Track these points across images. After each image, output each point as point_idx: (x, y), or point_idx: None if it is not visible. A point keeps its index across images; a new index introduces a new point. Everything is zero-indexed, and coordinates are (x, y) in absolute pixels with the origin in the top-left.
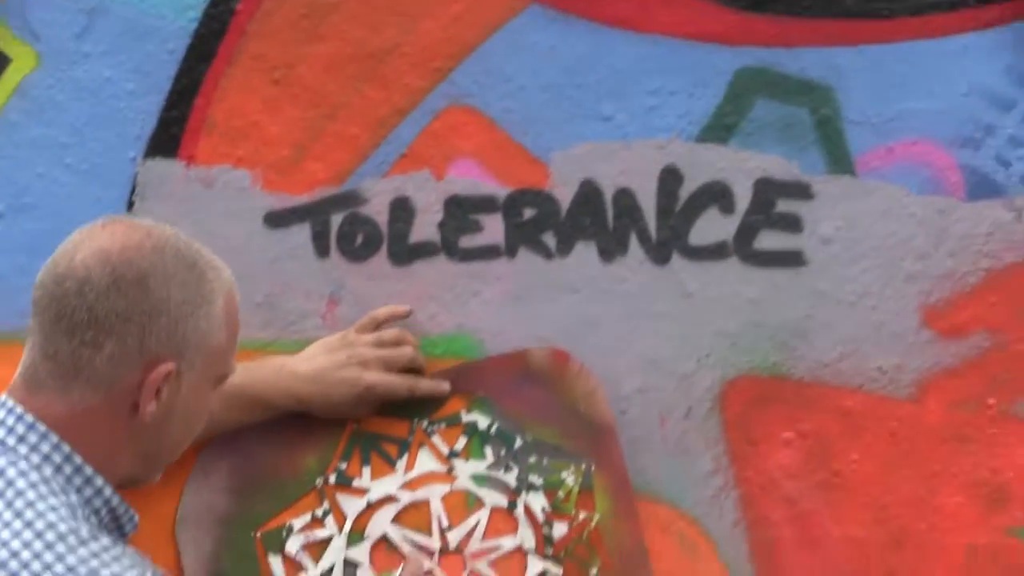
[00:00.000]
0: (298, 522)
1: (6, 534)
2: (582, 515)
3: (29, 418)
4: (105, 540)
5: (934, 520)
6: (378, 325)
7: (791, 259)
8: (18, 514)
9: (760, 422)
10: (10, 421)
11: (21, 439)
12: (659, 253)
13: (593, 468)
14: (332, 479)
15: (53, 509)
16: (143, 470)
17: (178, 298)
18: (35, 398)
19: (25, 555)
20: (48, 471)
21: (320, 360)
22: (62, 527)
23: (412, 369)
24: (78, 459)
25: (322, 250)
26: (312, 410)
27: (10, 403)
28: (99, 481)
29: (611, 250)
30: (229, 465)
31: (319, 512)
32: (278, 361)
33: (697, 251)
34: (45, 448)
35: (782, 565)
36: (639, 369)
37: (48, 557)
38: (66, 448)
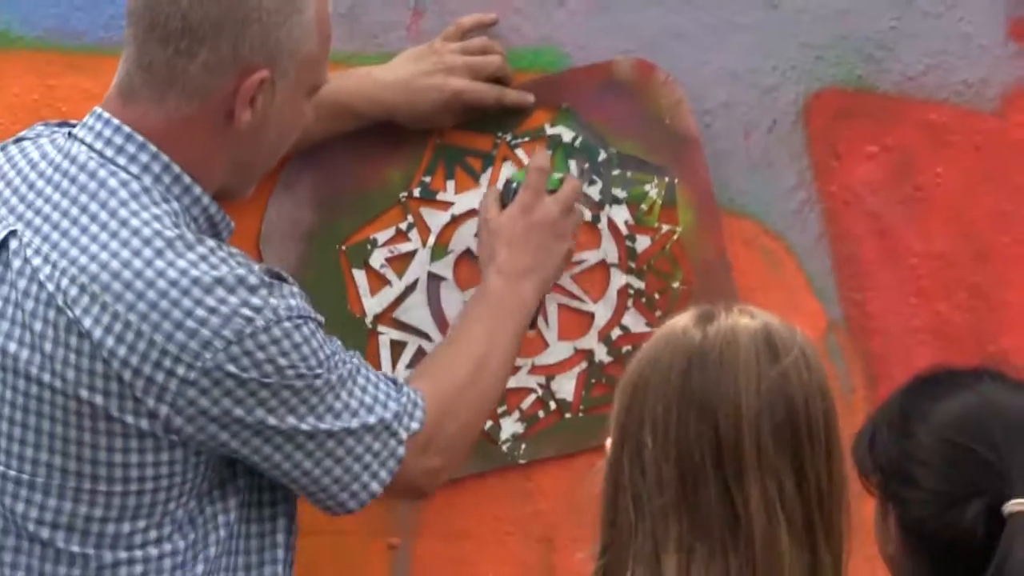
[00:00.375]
0: (382, 236)
1: (115, 244)
2: (665, 228)
3: (126, 129)
4: (211, 242)
5: (1018, 234)
6: (464, 34)
7: None
8: (123, 223)
9: (844, 136)
10: (107, 132)
11: (120, 150)
12: None
13: (676, 181)
14: (416, 192)
15: (157, 218)
16: (237, 181)
17: (270, 6)
18: (131, 109)
19: (137, 263)
20: (148, 180)
21: (406, 68)
22: (169, 233)
23: (498, 79)
24: (176, 168)
25: None
26: (397, 118)
27: (105, 115)
28: (197, 190)
29: None
30: (312, 179)
31: (403, 226)
32: (363, 70)
33: None
34: (144, 158)
35: (865, 279)
36: (723, 82)
37: (159, 263)
38: (164, 158)
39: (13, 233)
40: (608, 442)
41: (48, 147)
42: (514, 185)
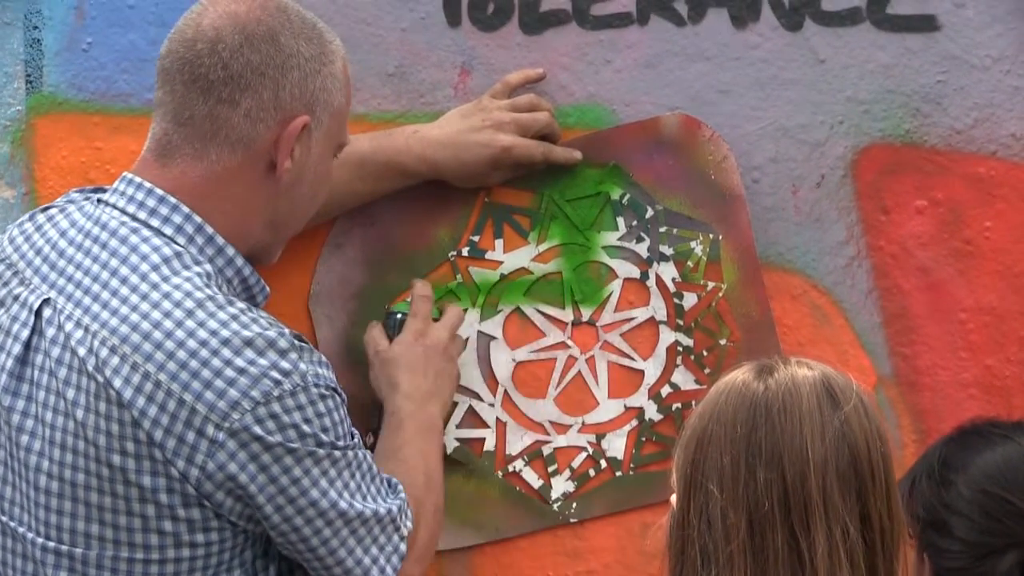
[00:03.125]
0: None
1: (145, 306)
2: (710, 285)
3: (158, 192)
4: (240, 304)
5: None
6: (512, 91)
7: (924, 23)
8: (154, 286)
9: (892, 190)
10: (139, 196)
11: (152, 212)
12: (791, 19)
13: (721, 238)
14: (465, 251)
15: (188, 279)
16: (269, 240)
17: (307, 54)
18: (169, 169)
19: (167, 324)
20: (181, 242)
21: (454, 124)
22: (199, 294)
23: (545, 136)
24: (209, 230)
25: (453, 19)
26: (445, 175)
27: (137, 179)
28: (230, 251)
29: (743, 16)
30: (362, 238)
31: (452, 285)
32: (410, 128)
33: (830, 16)
34: (177, 219)
35: (914, 334)
36: (771, 137)
37: (189, 323)
38: (197, 219)
39: (47, 302)
40: (673, 498)
41: (77, 215)
42: (398, 316)
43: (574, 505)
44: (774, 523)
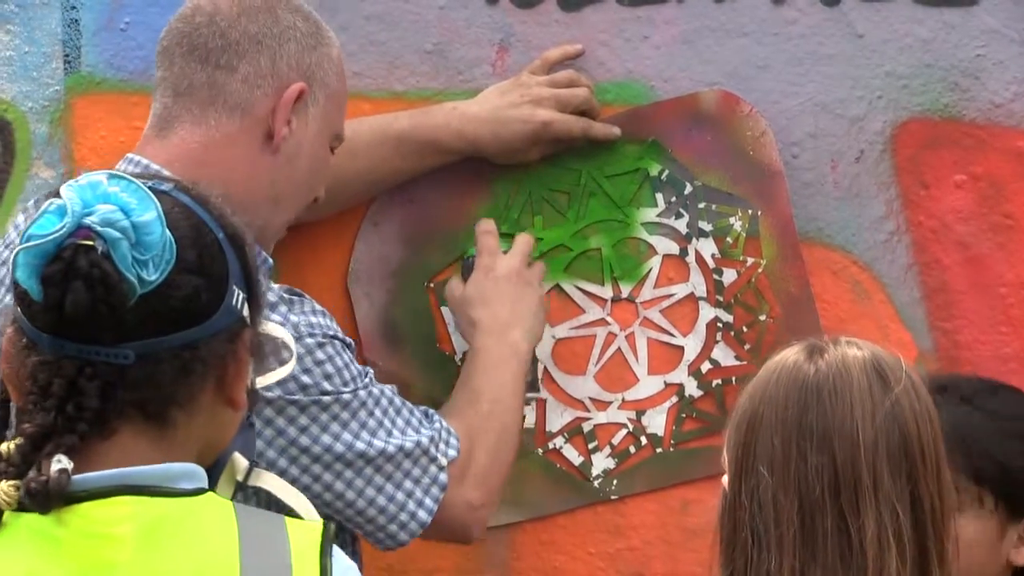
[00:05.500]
0: None
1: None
2: (750, 261)
3: (155, 167)
4: None
5: None
6: (551, 67)
7: None
8: None
9: (932, 165)
10: (136, 173)
11: None
12: None
13: (760, 214)
14: (504, 228)
15: None
16: (270, 219)
17: (303, 28)
18: (169, 139)
19: None
20: None
21: (492, 101)
22: None
23: (584, 112)
24: None
25: None
26: (484, 152)
27: (136, 157)
28: None
29: None
30: (400, 216)
31: None
32: (448, 105)
33: None
34: None
35: (954, 309)
36: (810, 113)
37: None
38: None
39: None
40: (725, 479)
41: None
42: (469, 259)
43: (615, 482)
44: (824, 506)
